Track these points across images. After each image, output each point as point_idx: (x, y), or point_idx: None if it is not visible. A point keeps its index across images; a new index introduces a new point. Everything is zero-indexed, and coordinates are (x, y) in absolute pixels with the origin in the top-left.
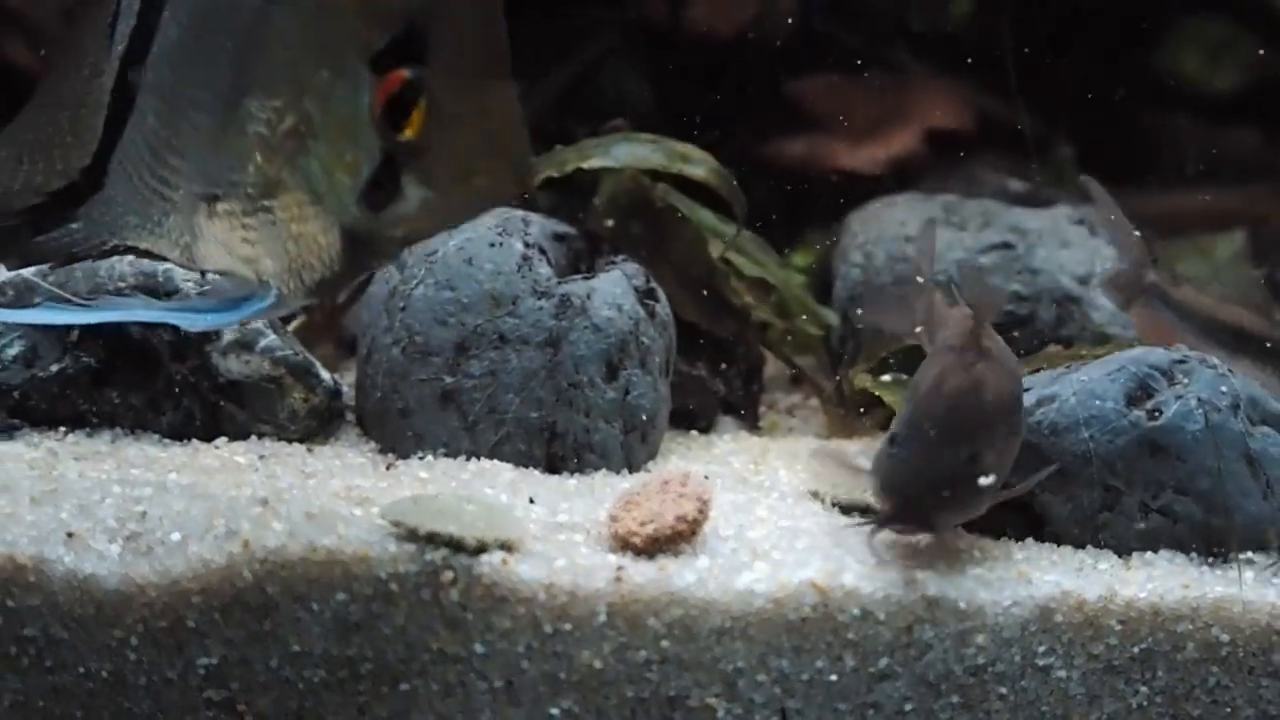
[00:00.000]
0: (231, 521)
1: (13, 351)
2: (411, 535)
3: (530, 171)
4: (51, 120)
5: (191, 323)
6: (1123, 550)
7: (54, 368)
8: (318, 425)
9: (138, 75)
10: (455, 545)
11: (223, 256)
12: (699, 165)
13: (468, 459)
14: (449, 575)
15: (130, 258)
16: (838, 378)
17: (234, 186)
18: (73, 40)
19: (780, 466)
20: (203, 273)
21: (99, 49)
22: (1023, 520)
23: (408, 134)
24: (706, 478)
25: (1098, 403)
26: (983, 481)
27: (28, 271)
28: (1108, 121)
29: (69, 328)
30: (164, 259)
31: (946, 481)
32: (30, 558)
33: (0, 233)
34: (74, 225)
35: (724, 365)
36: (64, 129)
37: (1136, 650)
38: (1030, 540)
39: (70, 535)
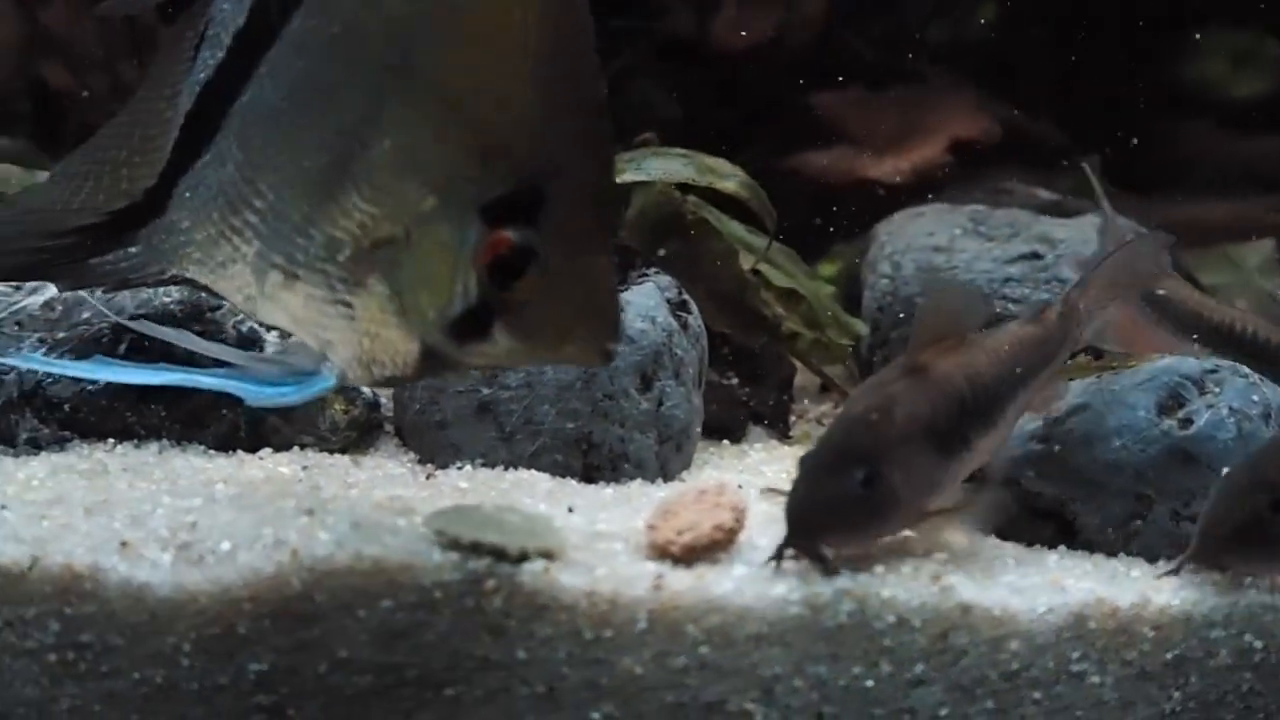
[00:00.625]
0: (279, 531)
1: None
2: (455, 544)
3: (617, 343)
4: (125, 139)
5: (254, 396)
6: (1155, 558)
7: (102, 381)
8: (358, 436)
9: (220, 111)
10: (498, 554)
11: (290, 324)
12: (729, 179)
13: (505, 469)
14: (492, 583)
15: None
16: None
17: (316, 272)
18: (163, 61)
19: None
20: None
21: (181, 71)
22: (1055, 529)
23: (508, 292)
24: (740, 487)
25: (1129, 412)
26: (886, 501)
27: None
28: (1133, 131)
29: (116, 344)
30: (221, 299)
31: (835, 505)
32: (86, 566)
33: (55, 251)
34: (132, 250)
35: (755, 376)
36: (135, 148)
37: (1169, 656)
38: (1063, 548)
39: (124, 545)
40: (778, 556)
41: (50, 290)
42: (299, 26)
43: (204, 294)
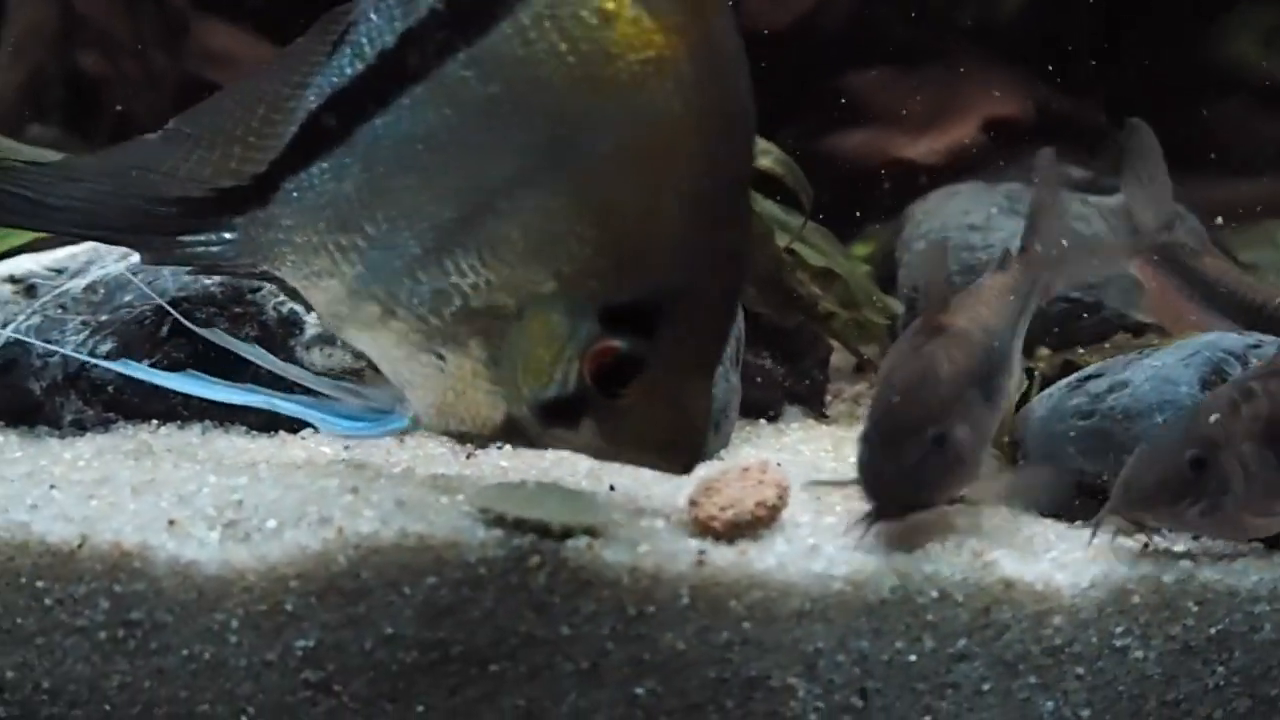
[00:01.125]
0: (324, 509)
1: (105, 348)
2: (499, 521)
3: (696, 463)
4: (243, 115)
5: (329, 427)
6: (1197, 534)
7: (145, 363)
8: None
9: (347, 123)
10: (542, 531)
11: (375, 354)
12: (765, 156)
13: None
14: (536, 560)
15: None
16: None
17: (416, 317)
18: (298, 50)
19: (852, 454)
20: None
21: (314, 62)
22: (1097, 505)
23: (608, 398)
24: (779, 465)
25: (1171, 387)
26: (958, 457)
27: (119, 266)
28: (1166, 108)
29: (158, 327)
30: (308, 305)
31: (917, 470)
32: (135, 545)
33: (153, 219)
34: (227, 235)
35: (791, 355)
36: (251, 128)
37: (1213, 631)
38: None
39: (171, 523)
40: (867, 529)
41: (93, 274)
42: (456, 73)
43: (245, 279)
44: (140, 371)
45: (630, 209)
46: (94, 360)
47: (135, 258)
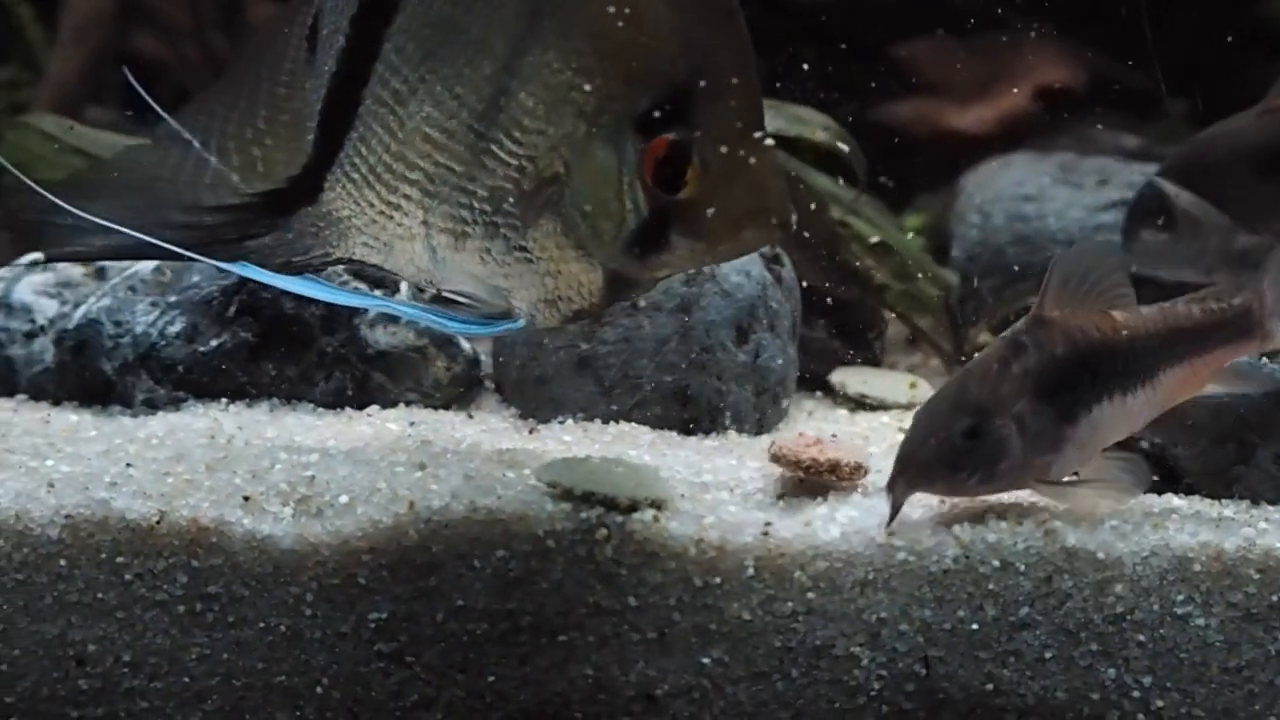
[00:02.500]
0: (394, 484)
1: (175, 329)
2: (567, 495)
3: (788, 221)
4: (244, 119)
5: (446, 328)
6: (1259, 501)
7: (214, 343)
8: (460, 393)
9: (351, 100)
10: (609, 504)
11: (471, 283)
12: (820, 130)
13: (606, 423)
14: (603, 533)
15: None
16: (959, 337)
17: (485, 225)
18: (270, 44)
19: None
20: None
21: (296, 59)
22: (1158, 475)
23: (684, 193)
24: (834, 436)
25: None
26: (993, 454)
27: None
28: (1218, 72)
29: (226, 307)
30: (397, 276)
31: (938, 453)
32: (212, 521)
33: (194, 228)
34: (288, 235)
35: (846, 328)
36: (261, 130)
37: (1275, 598)
38: (1167, 494)
39: (246, 499)
40: (892, 512)
41: None
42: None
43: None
44: (263, 275)
45: (618, 25)
46: (227, 267)
47: None
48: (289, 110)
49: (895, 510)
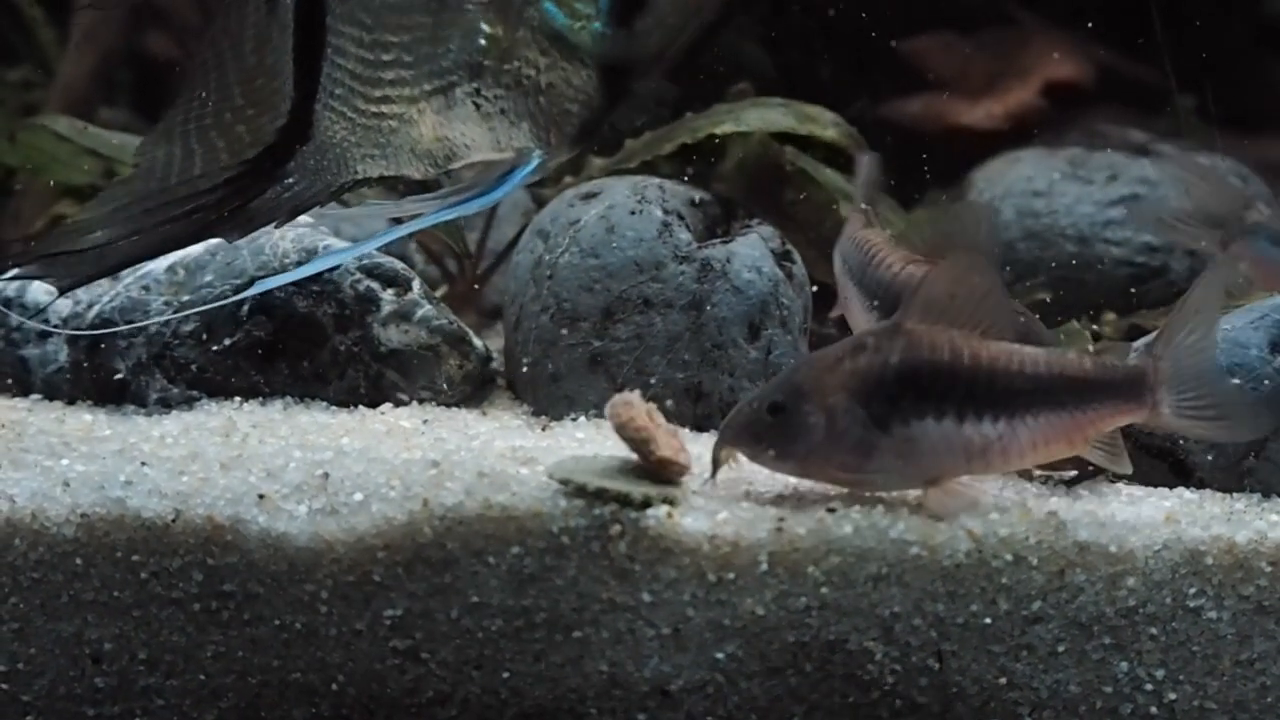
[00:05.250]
0: (408, 482)
1: (188, 328)
2: (580, 492)
3: None
4: (220, 104)
5: (467, 208)
6: (1270, 495)
7: (227, 342)
8: (472, 391)
9: (318, 25)
10: (622, 500)
11: (470, 143)
12: (829, 127)
13: None
14: (617, 529)
15: (292, 234)
16: None
17: (467, 67)
18: (231, 24)
19: None
20: (447, 173)
21: (257, 22)
22: (1168, 469)
23: None
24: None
25: (1241, 350)
26: (791, 437)
27: (196, 250)
28: (1226, 68)
29: (240, 303)
30: (401, 177)
31: (743, 421)
32: (227, 519)
33: (199, 211)
34: (289, 180)
35: None
36: (240, 107)
37: None
38: (1179, 487)
39: (261, 497)
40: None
41: (173, 255)
42: None
43: (324, 240)
44: (276, 280)
45: None
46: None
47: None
48: (262, 72)
49: (715, 465)
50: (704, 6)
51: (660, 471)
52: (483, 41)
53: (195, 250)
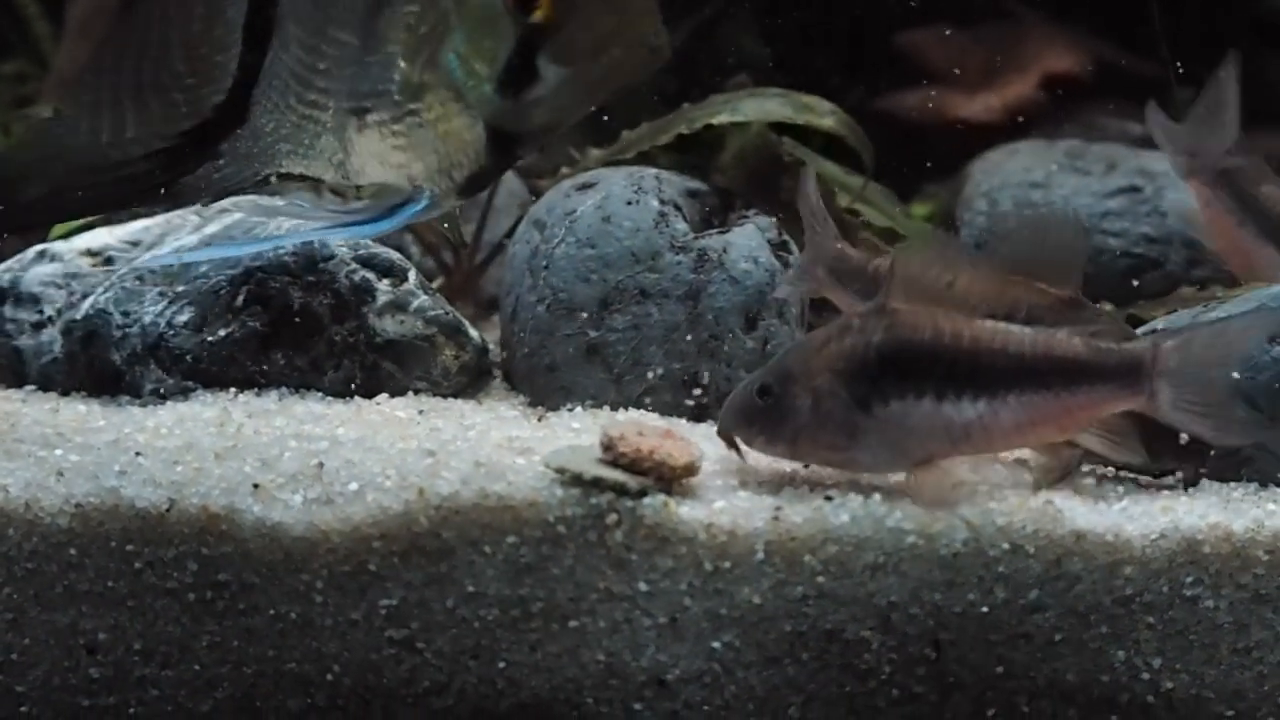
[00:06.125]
0: (404, 471)
1: (183, 318)
2: (576, 481)
3: (661, 44)
4: (158, 64)
5: (355, 235)
6: (1268, 484)
7: (222, 332)
8: (468, 381)
9: (269, 10)
10: (619, 490)
11: (375, 167)
12: (827, 116)
13: (615, 410)
14: (614, 518)
15: (240, 216)
16: None
17: (381, 96)
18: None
19: None
20: (357, 188)
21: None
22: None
23: (538, 15)
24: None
25: None
26: (778, 418)
27: (194, 238)
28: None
29: (234, 298)
30: (318, 181)
31: (736, 405)
32: (222, 508)
33: (128, 179)
34: (220, 162)
35: None
36: (180, 71)
37: None
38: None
39: (256, 487)
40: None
41: (168, 246)
42: None
43: (317, 245)
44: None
45: None
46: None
47: (210, 229)
48: (209, 43)
49: (730, 445)
50: (596, 92)
51: (669, 480)
52: (398, 77)
53: (191, 240)
